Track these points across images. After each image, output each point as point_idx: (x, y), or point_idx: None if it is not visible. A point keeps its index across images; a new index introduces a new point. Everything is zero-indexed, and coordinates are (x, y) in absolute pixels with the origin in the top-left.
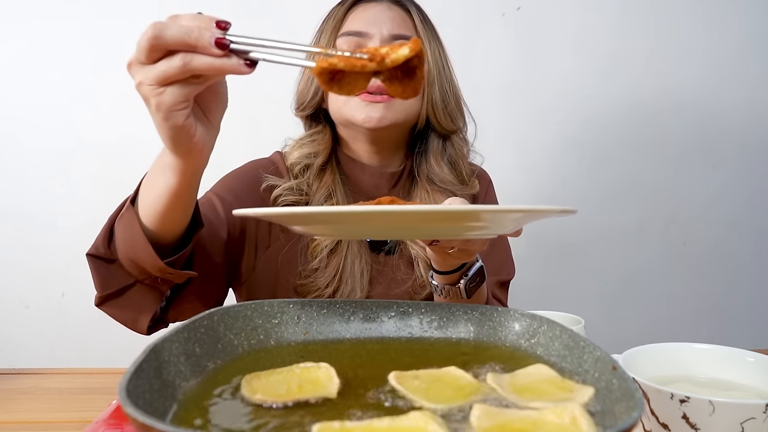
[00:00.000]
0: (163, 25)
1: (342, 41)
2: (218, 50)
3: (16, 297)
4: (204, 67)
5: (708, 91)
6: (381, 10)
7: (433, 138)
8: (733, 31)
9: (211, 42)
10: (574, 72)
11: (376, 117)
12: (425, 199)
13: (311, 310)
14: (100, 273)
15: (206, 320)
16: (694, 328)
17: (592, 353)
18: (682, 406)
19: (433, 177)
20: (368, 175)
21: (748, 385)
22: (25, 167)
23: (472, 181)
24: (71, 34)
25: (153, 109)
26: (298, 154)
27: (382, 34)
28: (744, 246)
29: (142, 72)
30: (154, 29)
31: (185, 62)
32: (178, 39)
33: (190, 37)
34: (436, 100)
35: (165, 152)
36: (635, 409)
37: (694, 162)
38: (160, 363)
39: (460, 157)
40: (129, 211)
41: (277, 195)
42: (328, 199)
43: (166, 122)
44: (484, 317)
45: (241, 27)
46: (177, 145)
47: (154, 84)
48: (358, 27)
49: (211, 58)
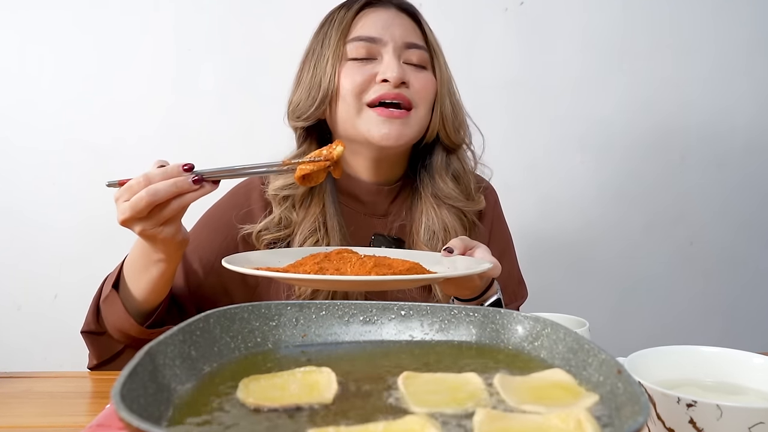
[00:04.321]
0: (156, 188)
1: (352, 48)
2: (196, 186)
3: (7, 299)
4: (190, 200)
5: (714, 89)
6: (391, 16)
7: (438, 152)
8: (740, 29)
9: (190, 184)
10: (578, 68)
11: (395, 135)
12: (432, 216)
13: (309, 313)
14: (94, 345)
15: (202, 323)
16: (700, 331)
17: (596, 356)
18: (689, 411)
19: (437, 192)
20: (365, 191)
21: (756, 389)
22: (16, 168)
23: (478, 197)
24: (64, 35)
25: (160, 245)
26: (280, 183)
27: (395, 42)
28: (752, 246)
29: (142, 223)
30: (148, 194)
31: (181, 204)
32: (170, 193)
33: (177, 187)
34: (447, 113)
35: (151, 251)
36: (641, 413)
37: (701, 160)
38: (155, 366)
39: (466, 171)
40: (113, 295)
41: (259, 231)
42: (313, 234)
43: (165, 243)
44: (487, 320)
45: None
46: (168, 246)
47: (156, 227)
48: (370, 32)
49: (194, 192)
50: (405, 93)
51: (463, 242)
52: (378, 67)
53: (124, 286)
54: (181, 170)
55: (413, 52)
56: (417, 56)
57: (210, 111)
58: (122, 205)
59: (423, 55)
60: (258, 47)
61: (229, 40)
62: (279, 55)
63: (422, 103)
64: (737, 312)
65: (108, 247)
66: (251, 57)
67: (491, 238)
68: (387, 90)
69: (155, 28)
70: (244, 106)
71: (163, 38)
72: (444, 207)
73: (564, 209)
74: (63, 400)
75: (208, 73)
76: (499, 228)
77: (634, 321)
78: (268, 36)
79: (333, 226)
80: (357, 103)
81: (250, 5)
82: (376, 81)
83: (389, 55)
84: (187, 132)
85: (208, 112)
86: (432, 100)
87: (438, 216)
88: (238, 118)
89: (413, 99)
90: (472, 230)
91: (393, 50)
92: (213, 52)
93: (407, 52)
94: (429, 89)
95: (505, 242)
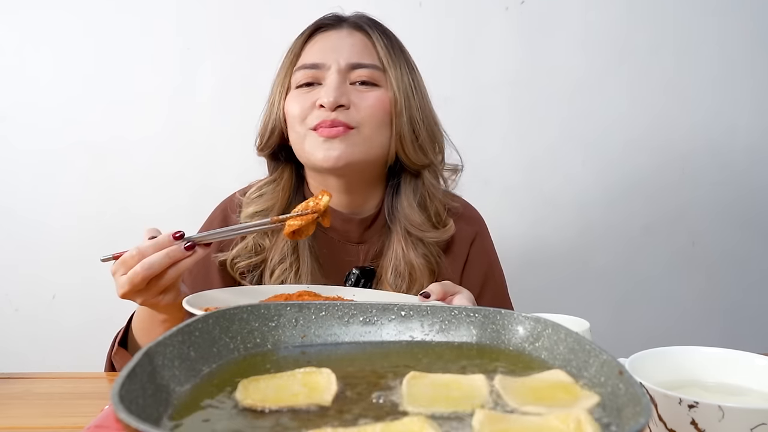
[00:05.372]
0: (150, 262)
1: (298, 76)
2: (189, 252)
3: (5, 299)
4: (185, 267)
5: (717, 89)
6: (340, 38)
7: (406, 175)
8: (743, 29)
9: (183, 252)
10: (579, 68)
11: (334, 156)
12: (399, 256)
13: (309, 313)
14: None
15: (201, 323)
16: (702, 331)
17: (597, 357)
18: (691, 412)
19: (407, 224)
20: (339, 219)
21: (758, 390)
22: (14, 168)
23: (447, 221)
24: (63, 35)
25: (162, 310)
26: (251, 210)
27: (339, 64)
28: (754, 246)
29: (141, 295)
30: (143, 268)
31: (177, 272)
32: (164, 264)
33: (170, 257)
34: (404, 132)
35: (155, 313)
36: (642, 414)
37: (703, 160)
38: (153, 367)
39: (432, 197)
40: (121, 352)
41: (233, 258)
42: (283, 261)
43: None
44: (487, 320)
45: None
46: (170, 310)
47: (156, 296)
48: (313, 59)
49: (188, 259)
50: (342, 117)
51: (443, 288)
52: (319, 92)
53: (133, 341)
54: (173, 239)
55: (360, 72)
56: (365, 75)
57: (210, 110)
58: (120, 279)
59: (372, 73)
60: (258, 46)
61: (228, 40)
62: (279, 55)
63: (367, 123)
64: (739, 312)
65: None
66: (251, 56)
67: (466, 270)
68: (325, 116)
69: (155, 27)
70: (244, 105)
71: (163, 38)
72: (411, 246)
73: (565, 209)
74: (61, 401)
75: (207, 73)
76: (479, 262)
77: (635, 321)
78: (268, 35)
79: (305, 252)
80: (302, 129)
81: (249, 4)
82: (316, 106)
83: (330, 79)
84: (187, 131)
85: (208, 112)
86: (382, 118)
87: (405, 257)
88: (238, 117)
89: (354, 120)
90: (438, 269)
91: (337, 73)
92: (213, 51)
93: (353, 72)
94: (377, 107)
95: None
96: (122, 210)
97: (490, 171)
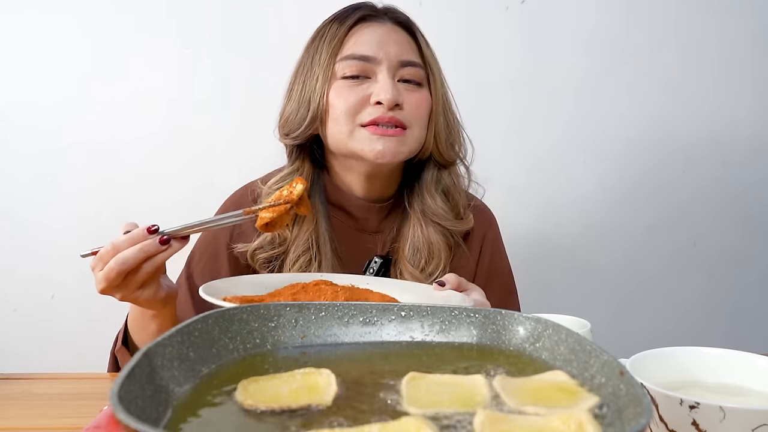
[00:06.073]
0: (124, 257)
1: (344, 66)
2: (164, 246)
3: (3, 300)
4: (161, 261)
5: (719, 88)
6: (386, 32)
7: (430, 168)
8: (744, 28)
9: (158, 246)
10: (580, 67)
11: (390, 153)
12: (417, 233)
13: (309, 313)
14: None
15: (200, 324)
16: (704, 332)
17: (598, 357)
18: (692, 412)
19: (426, 209)
20: (356, 207)
21: (759, 390)
22: (13, 168)
23: (467, 215)
24: (63, 35)
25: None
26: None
27: (390, 59)
28: (756, 246)
29: (119, 291)
30: (117, 263)
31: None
32: (138, 259)
33: (144, 252)
34: (440, 131)
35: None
36: (643, 415)
37: (704, 160)
38: (152, 368)
39: (457, 188)
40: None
41: (254, 249)
42: (306, 252)
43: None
44: (488, 321)
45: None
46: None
47: (134, 292)
48: (363, 50)
49: (163, 253)
50: (398, 115)
51: (458, 280)
52: (371, 87)
53: (131, 339)
54: (147, 234)
55: (408, 70)
56: (412, 74)
57: (209, 110)
58: (98, 275)
59: (419, 72)
60: (257, 46)
61: (228, 39)
62: (278, 54)
63: (416, 123)
64: (740, 313)
65: None
66: (250, 56)
67: (480, 262)
68: (381, 113)
69: (154, 27)
70: (243, 105)
71: (162, 37)
72: (431, 225)
73: (566, 209)
74: (60, 401)
75: (206, 72)
76: (490, 253)
77: (636, 322)
78: (267, 34)
79: (325, 243)
80: (350, 123)
81: (249, 4)
82: (370, 102)
83: (383, 75)
84: (186, 131)
85: (207, 111)
86: (426, 118)
87: (424, 233)
88: (236, 117)
89: (407, 120)
90: (456, 250)
91: (387, 69)
92: (212, 50)
93: (402, 70)
94: (423, 108)
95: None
96: (121, 210)
97: (490, 170)
